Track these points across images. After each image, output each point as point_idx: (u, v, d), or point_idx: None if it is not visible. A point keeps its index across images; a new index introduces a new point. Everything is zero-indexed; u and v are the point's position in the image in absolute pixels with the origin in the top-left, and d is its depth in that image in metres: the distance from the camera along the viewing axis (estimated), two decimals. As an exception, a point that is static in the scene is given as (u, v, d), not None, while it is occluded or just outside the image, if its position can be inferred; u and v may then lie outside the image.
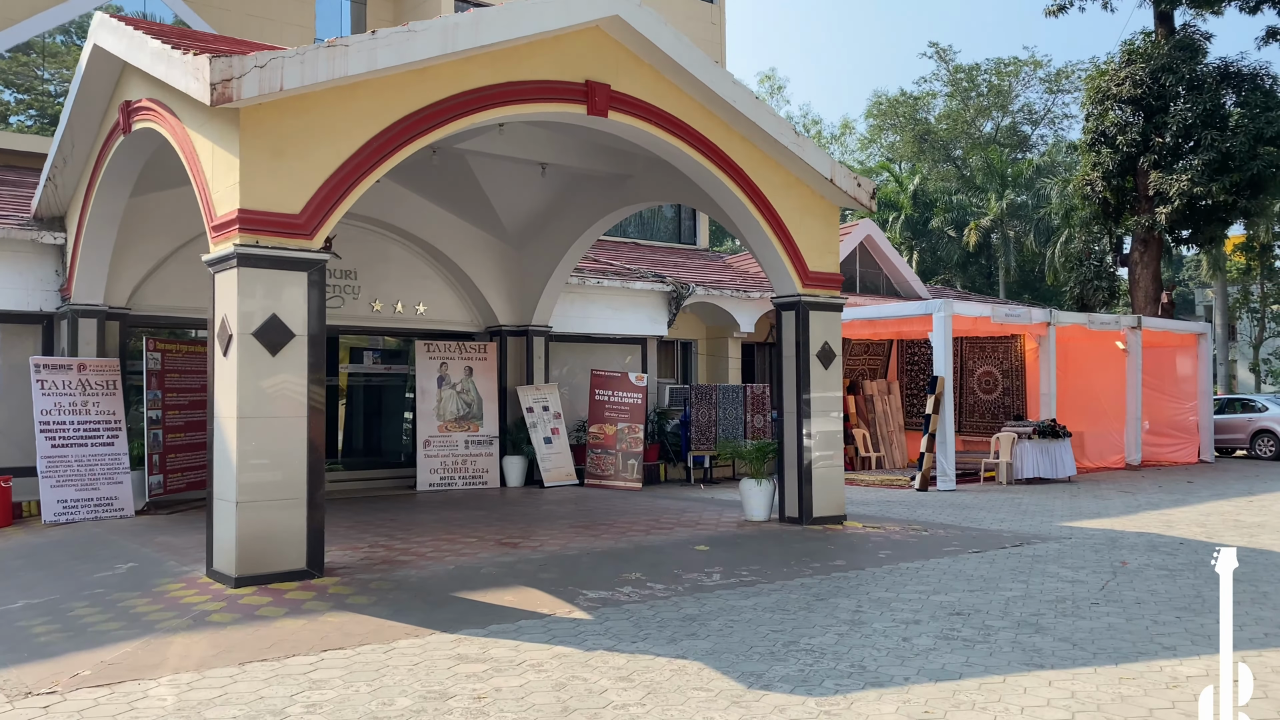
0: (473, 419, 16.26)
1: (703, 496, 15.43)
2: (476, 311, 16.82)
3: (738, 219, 11.35)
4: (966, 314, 17.82)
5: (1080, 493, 16.31)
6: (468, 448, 16.10)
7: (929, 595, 8.07)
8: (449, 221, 15.97)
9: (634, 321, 18.53)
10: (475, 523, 11.77)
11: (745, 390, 18.52)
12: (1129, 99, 24.11)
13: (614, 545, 10.10)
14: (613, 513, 12.75)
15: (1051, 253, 47.60)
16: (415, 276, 16.14)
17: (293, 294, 8.17)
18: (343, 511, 12.94)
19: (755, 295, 20.06)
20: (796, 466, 11.53)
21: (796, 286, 11.54)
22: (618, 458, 16.66)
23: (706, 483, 17.85)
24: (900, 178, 51.28)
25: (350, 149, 8.48)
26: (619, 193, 14.51)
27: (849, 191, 11.61)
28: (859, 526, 11.68)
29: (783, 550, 10.06)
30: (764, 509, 11.80)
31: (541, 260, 16.19)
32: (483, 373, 16.47)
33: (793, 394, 11.62)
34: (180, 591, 7.85)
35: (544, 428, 16.38)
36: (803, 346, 11.54)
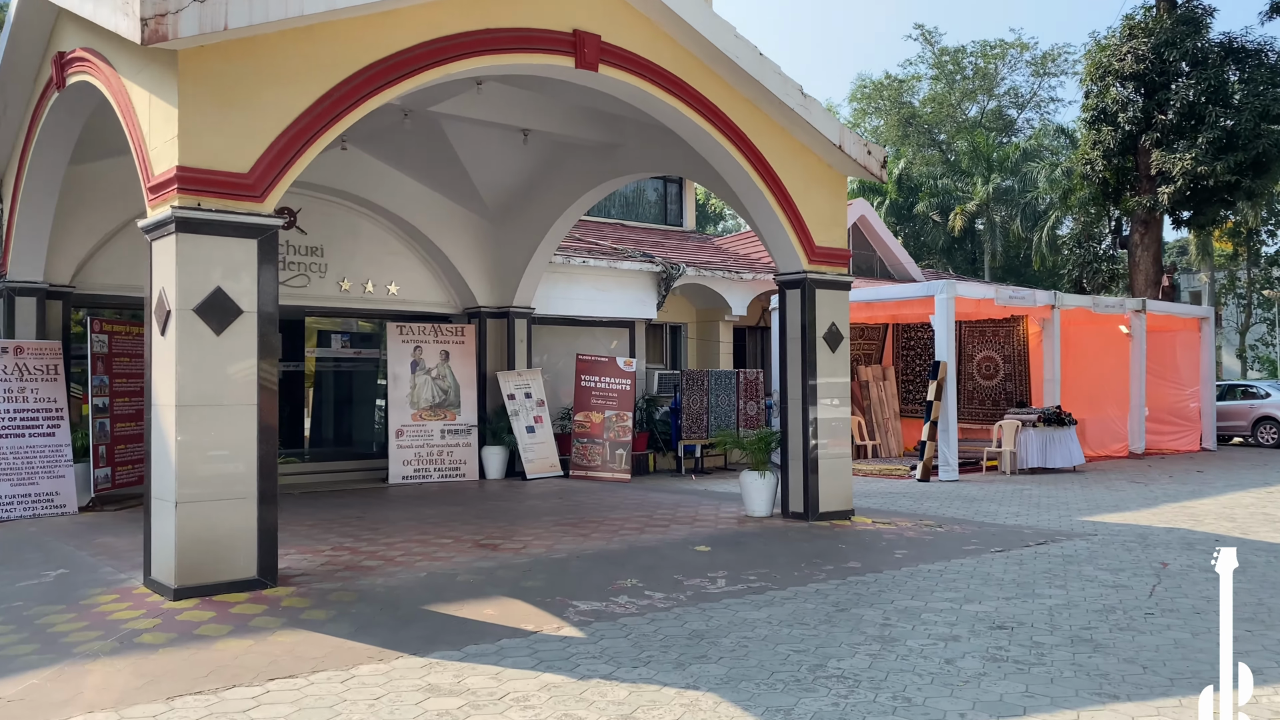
0: (449, 407, 15.26)
1: (696, 489, 14.51)
2: (453, 292, 15.80)
3: (739, 188, 10.39)
4: (970, 296, 16.96)
5: (1089, 483, 15.51)
6: (444, 438, 15.10)
7: (961, 604, 7.17)
8: (423, 195, 14.92)
9: (621, 304, 17.56)
10: (451, 520, 10.80)
11: (739, 376, 17.60)
12: (1131, 75, 23.29)
13: (605, 546, 9.15)
14: (602, 508, 11.81)
15: (1038, 238, 46.98)
16: (387, 254, 15.10)
17: (240, 264, 7.15)
18: (307, 507, 11.94)
19: (747, 276, 19.13)
20: (802, 458, 10.62)
21: (802, 263, 10.60)
22: (605, 447, 15.71)
23: (698, 473, 16.94)
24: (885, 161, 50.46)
25: (307, 100, 7.45)
26: (607, 163, 13.52)
27: (858, 159, 10.67)
28: (868, 522, 10.79)
29: (791, 551, 9.14)
30: (766, 504, 10.89)
31: (523, 237, 15.18)
32: (460, 357, 15.46)
33: (798, 379, 10.70)
34: (111, 605, 6.84)
35: (526, 416, 15.40)
36: (808, 328, 10.61)
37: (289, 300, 14.11)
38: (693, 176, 12.30)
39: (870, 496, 13.46)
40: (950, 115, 55.46)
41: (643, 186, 24.95)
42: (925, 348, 20.46)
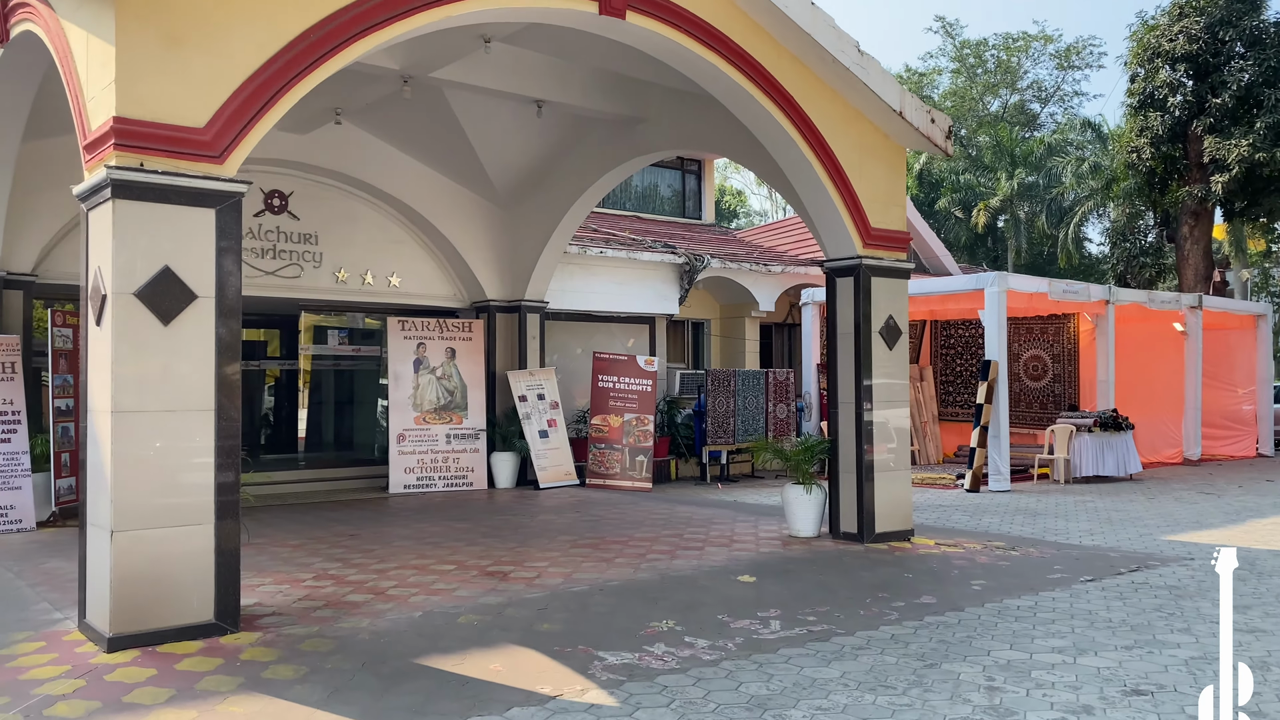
0: (455, 409, 13.96)
1: (724, 500, 13.18)
2: (460, 284, 14.50)
3: (785, 161, 9.06)
4: (1022, 289, 15.58)
5: (1154, 494, 14.13)
6: (449, 443, 13.80)
7: (1075, 656, 5.83)
8: (427, 177, 13.63)
9: (641, 298, 16.24)
10: (455, 539, 9.49)
11: (767, 376, 16.26)
12: (1182, 56, 21.83)
13: (633, 575, 7.82)
14: (624, 524, 10.49)
15: (1064, 234, 45.50)
16: (387, 242, 13.81)
17: (194, 239, 5.86)
18: (294, 522, 10.65)
19: (776, 269, 17.79)
20: (855, 470, 9.28)
21: (856, 246, 9.26)
22: (624, 454, 14.39)
23: (724, 481, 15.60)
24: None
25: (279, 40, 6.16)
26: (630, 140, 12.20)
27: (920, 128, 9.33)
28: (931, 544, 9.44)
29: (850, 582, 7.80)
30: (813, 522, 9.55)
31: (536, 224, 13.87)
32: (467, 355, 14.16)
33: (849, 380, 9.36)
34: (32, 657, 5.55)
35: (539, 419, 14.09)
36: (863, 321, 9.27)
37: (281, 293, 12.86)
38: (726, 152, 10.99)
39: (919, 510, 12.09)
40: (971, 110, 54.02)
41: (660, 177, 23.61)
42: (966, 346, 19.09)
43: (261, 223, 12.74)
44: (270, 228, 12.80)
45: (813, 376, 17.13)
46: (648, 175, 23.10)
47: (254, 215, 12.67)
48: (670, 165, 22.68)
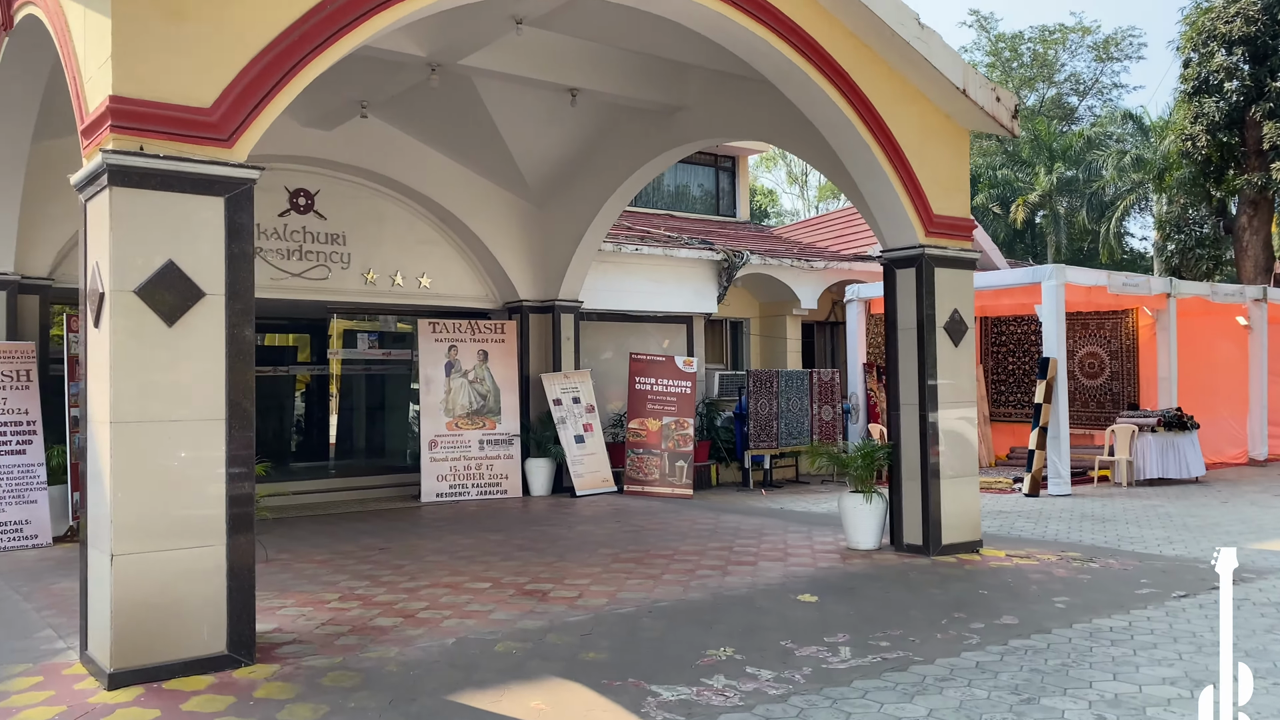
0: (488, 414, 13.41)
1: (771, 508, 12.52)
2: (492, 284, 13.95)
3: (840, 143, 8.40)
4: (1080, 283, 14.79)
5: (1226, 497, 13.31)
6: (483, 449, 13.25)
7: (1190, 689, 5.14)
8: (456, 173, 13.08)
9: (678, 296, 15.62)
10: (490, 553, 8.90)
11: (812, 377, 15.58)
12: (1240, 39, 20.90)
13: (683, 594, 7.19)
14: (668, 535, 9.86)
15: (1106, 229, 44.40)
16: (417, 242, 13.28)
17: (202, 231, 5.31)
18: (321, 535, 10.13)
19: (818, 265, 17.10)
20: (920, 477, 8.60)
21: (918, 235, 8.59)
22: (663, 459, 13.77)
23: (768, 487, 14.94)
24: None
25: (293, 12, 5.60)
26: (667, 129, 11.59)
27: (985, 107, 8.64)
28: (1001, 556, 8.74)
29: (922, 601, 7.12)
30: (874, 534, 8.88)
31: (570, 221, 13.28)
32: (500, 358, 13.61)
33: (912, 380, 8.68)
34: (27, 695, 5.01)
35: (575, 424, 13.50)
36: (927, 316, 8.59)
37: (308, 295, 12.37)
38: (772, 137, 10.35)
39: (982, 517, 11.38)
40: (1008, 103, 52.77)
41: (692, 175, 22.97)
42: (1019, 343, 18.30)
43: (287, 223, 12.25)
44: (296, 228, 12.30)
45: (859, 377, 16.43)
46: (680, 173, 22.50)
47: (279, 215, 12.18)
48: (703, 162, 22.06)
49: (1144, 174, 45.20)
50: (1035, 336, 18.01)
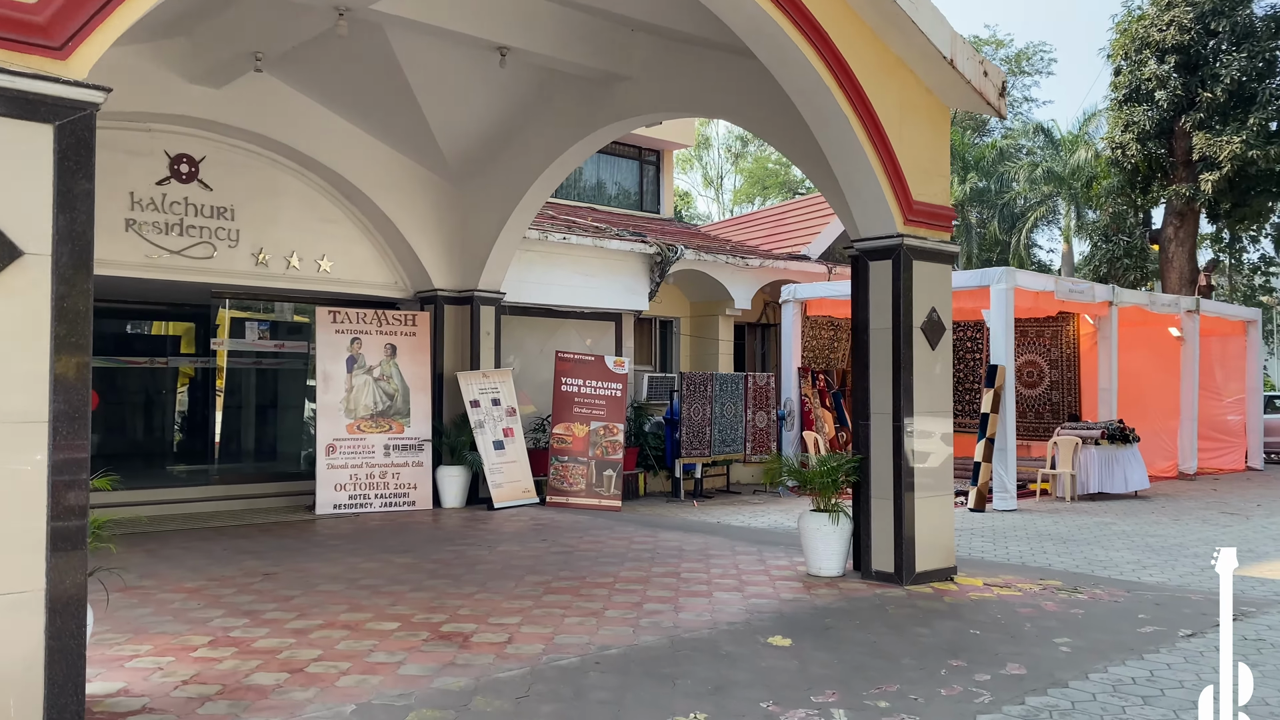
0: (395, 415, 12.04)
1: (708, 522, 11.45)
2: (402, 270, 12.57)
3: (815, 113, 7.35)
4: (1029, 287, 14.13)
5: (1174, 514, 12.77)
6: (388, 455, 11.87)
7: (1268, 769, 4.21)
8: (365, 144, 11.70)
9: (608, 291, 14.45)
10: (398, 581, 7.59)
11: (747, 381, 14.59)
12: (1173, 47, 20.69)
13: (633, 637, 6.01)
14: (604, 557, 8.67)
15: (1016, 240, 44.89)
16: (317, 220, 11.84)
17: (20, 167, 3.95)
18: (197, 554, 8.66)
19: (754, 263, 16.14)
20: (893, 495, 7.61)
21: (895, 223, 7.60)
22: (590, 468, 12.59)
23: (699, 497, 13.89)
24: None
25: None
26: (608, 102, 10.42)
27: (973, 82, 7.71)
28: (979, 585, 7.80)
29: (910, 644, 6.09)
30: (838, 559, 7.85)
31: (493, 202, 12.01)
32: (410, 353, 12.25)
33: (885, 386, 7.68)
34: None
35: (494, 428, 12.22)
36: (903, 314, 7.61)
37: (190, 276, 10.85)
38: (725, 112, 9.29)
39: (938, 536, 10.48)
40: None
41: (615, 168, 21.83)
42: (956, 350, 17.63)
43: (166, 192, 10.70)
44: (177, 198, 10.76)
45: (793, 382, 15.51)
46: (602, 165, 21.33)
47: (157, 183, 10.63)
48: (626, 155, 20.94)
49: (1054, 186, 45.81)
50: (972, 343, 17.38)
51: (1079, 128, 45.07)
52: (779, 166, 58.53)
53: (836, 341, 16.94)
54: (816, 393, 15.99)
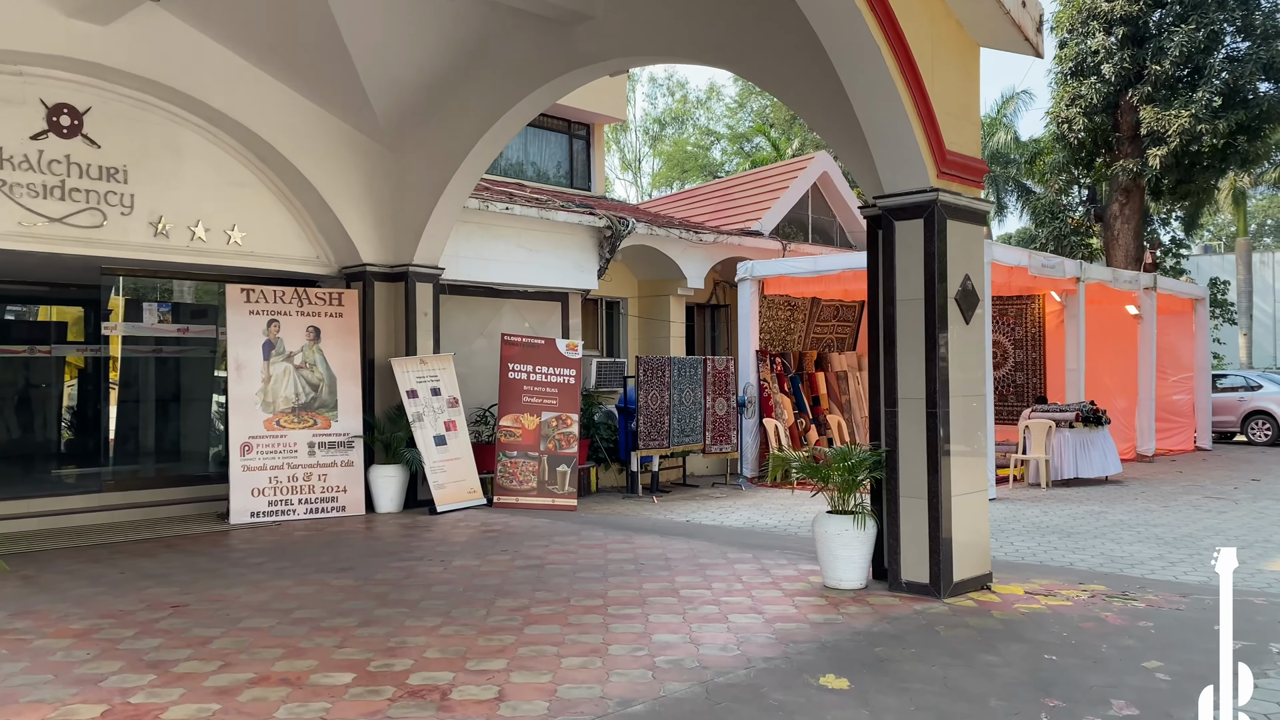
0: (321, 409, 10.58)
1: (679, 522, 10.29)
2: (326, 243, 11.08)
3: (842, 42, 6.20)
4: (1005, 261, 13.30)
5: (1160, 500, 12.15)
6: (314, 454, 10.41)
7: None
8: (283, 96, 10.18)
9: (555, 268, 13.15)
10: (341, 612, 6.22)
11: (706, 366, 13.46)
12: (1120, 18, 20.16)
13: (655, 684, 4.78)
14: (581, 571, 7.41)
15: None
16: (227, 184, 10.28)
17: None
18: (87, 580, 7.16)
19: (708, 239, 15.00)
20: (927, 493, 6.53)
21: (928, 175, 6.51)
22: (541, 463, 11.31)
23: (657, 493, 12.73)
24: (777, 143, 47.33)
25: None
26: (565, 47, 9.11)
27: (1011, 11, 6.65)
28: (1019, 593, 6.79)
29: (986, 678, 5.00)
30: (862, 568, 6.76)
31: (431, 165, 10.61)
32: (337, 337, 10.79)
33: (916, 367, 6.61)
34: None
35: (434, 421, 10.84)
36: (936, 282, 6.53)
37: (75, 248, 9.27)
38: (704, 56, 8.06)
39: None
40: (843, 95, 52.98)
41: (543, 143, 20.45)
42: (912, 331, 16.80)
43: (44, 149, 9.05)
44: (57, 156, 9.11)
45: (751, 366, 14.44)
46: (529, 140, 19.95)
47: (32, 138, 8.98)
48: (554, 128, 19.59)
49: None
50: (931, 323, 16.57)
51: (996, 111, 45.23)
52: (698, 150, 57.78)
53: (793, 323, 15.94)
54: (775, 377, 14.96)
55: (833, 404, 15.78)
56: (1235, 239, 37.84)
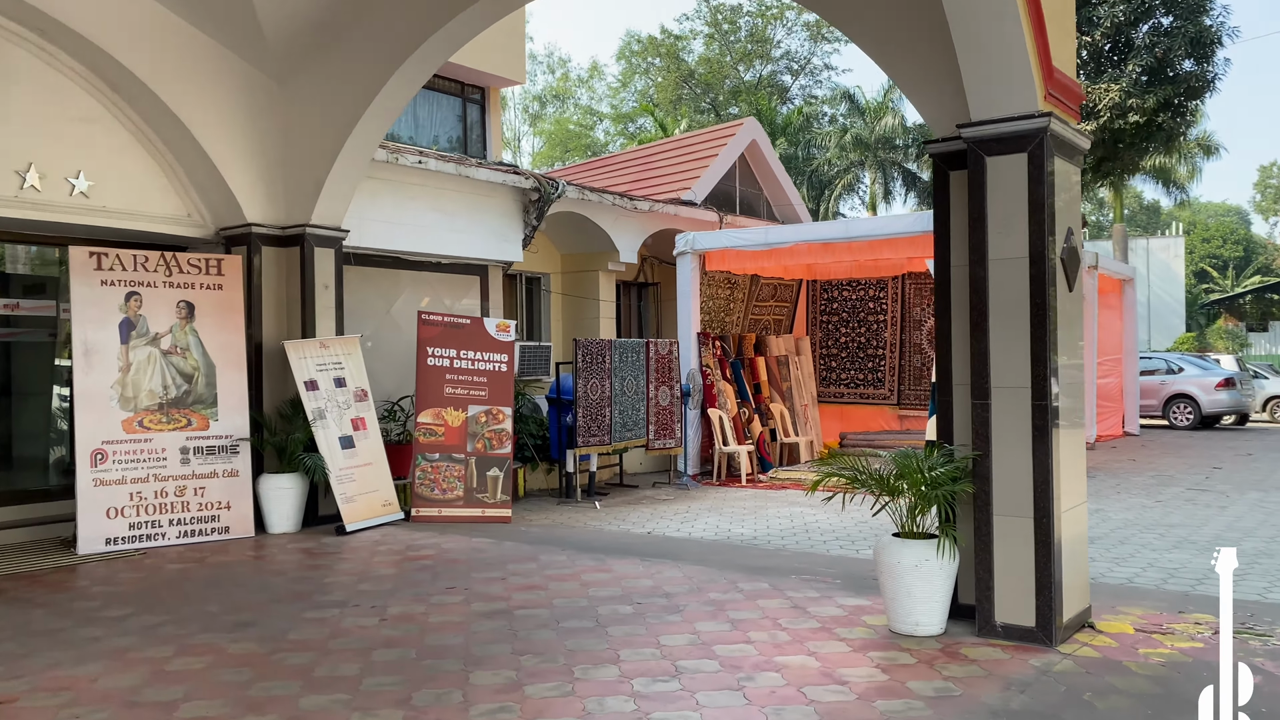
0: (197, 405, 8.46)
1: (636, 534, 8.61)
2: (198, 198, 8.91)
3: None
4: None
5: (1142, 492, 11.15)
6: (188, 462, 8.29)
7: None
8: (144, 9, 7.98)
9: (473, 236, 11.25)
10: (252, 708, 4.30)
11: (649, 350, 11.79)
12: (1050, -13, 19.32)
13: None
14: (564, 618, 5.63)
15: (825, 208, 44.46)
16: (70, 119, 8.02)
17: None
18: None
19: (644, 207, 13.31)
20: (1033, 511, 5.03)
21: (1036, 96, 4.98)
22: (469, 467, 9.45)
23: (596, 495, 11.02)
24: (664, 123, 46.02)
25: None
26: (519, -54, 7.27)
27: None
28: (1128, 631, 5.38)
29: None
30: (943, 608, 5.22)
31: (334, 105, 8.58)
32: (215, 314, 8.66)
33: (1020, 346, 5.11)
34: None
35: (339, 418, 8.85)
36: (1045, 235, 5.02)
37: None
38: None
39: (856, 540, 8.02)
40: (726, 76, 52.27)
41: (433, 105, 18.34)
42: (853, 311, 15.54)
43: None
44: None
45: (692, 350, 12.85)
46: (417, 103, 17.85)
47: None
48: (447, 89, 17.58)
49: (861, 153, 45.51)
50: (874, 303, 15.36)
51: (883, 95, 44.97)
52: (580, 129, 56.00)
53: (733, 302, 14.42)
54: (717, 363, 13.41)
55: (774, 391, 14.33)
56: (1113, 225, 38.34)
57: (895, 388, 15.23)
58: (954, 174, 5.46)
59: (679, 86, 52.22)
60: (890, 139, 45.89)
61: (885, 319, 15.26)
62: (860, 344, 15.50)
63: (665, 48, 52.43)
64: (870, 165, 46.53)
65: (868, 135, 46.03)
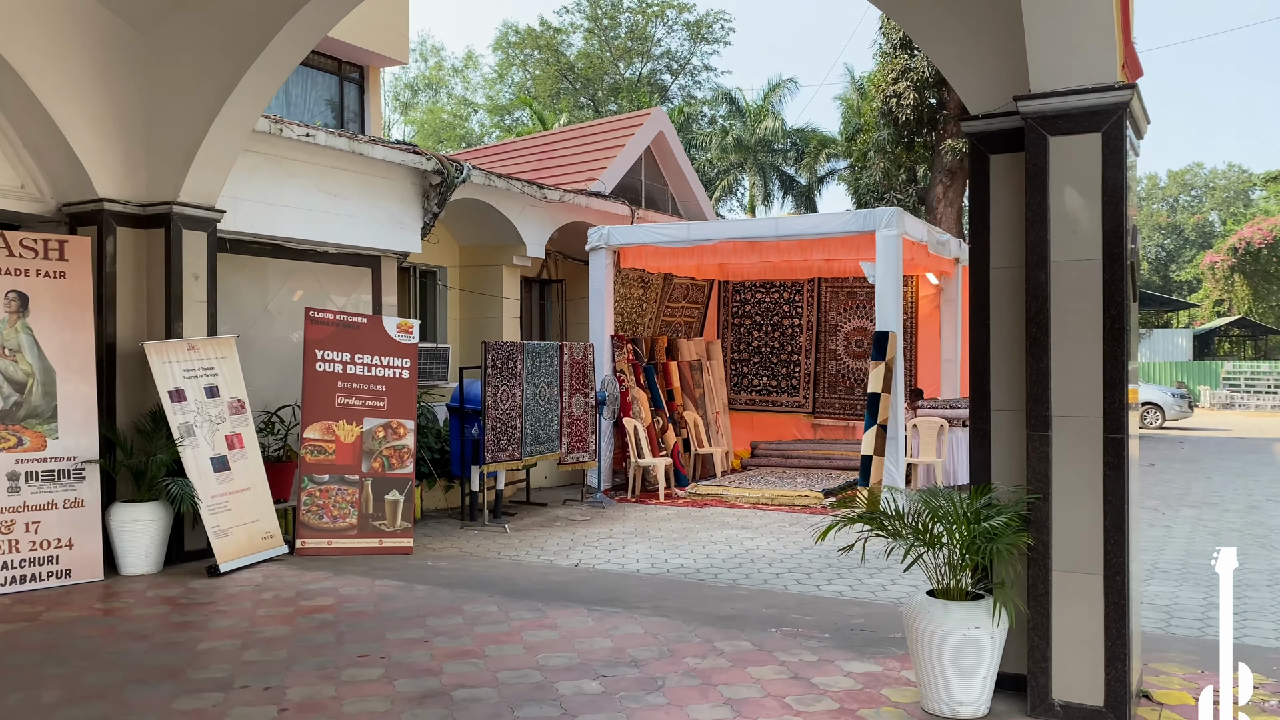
0: (30, 420, 6.89)
1: (564, 567, 7.48)
2: (33, 165, 7.31)
3: None
4: (915, 236, 11.40)
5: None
6: (18, 491, 6.72)
7: None
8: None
9: (366, 222, 9.87)
10: None
11: (563, 354, 10.65)
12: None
13: None
14: (519, 706, 4.47)
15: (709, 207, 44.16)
16: None
17: None
18: None
19: (554, 196, 12.14)
20: (1103, 567, 4.16)
21: (1114, 66, 4.10)
22: (364, 490, 8.13)
23: (504, 516, 9.83)
24: (543, 116, 44.83)
25: None
26: None
27: None
28: (1189, 702, 4.58)
29: None
30: (989, 683, 4.30)
31: (210, 58, 7.14)
32: (56, 308, 7.09)
33: (1089, 366, 4.23)
34: None
35: (210, 435, 7.39)
36: (1119, 231, 4.15)
37: None
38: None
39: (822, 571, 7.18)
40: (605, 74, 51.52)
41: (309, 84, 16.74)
42: (766, 314, 14.73)
43: None
44: None
45: (605, 354, 11.79)
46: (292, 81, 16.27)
47: None
48: (324, 67, 16.10)
49: (741, 155, 45.32)
50: (789, 306, 14.60)
51: (763, 98, 44.91)
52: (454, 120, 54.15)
53: (646, 302, 13.40)
54: (631, 368, 12.38)
55: (686, 398, 13.38)
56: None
57: (810, 395, 14.49)
58: (995, 158, 4.56)
59: (558, 80, 51.14)
60: (770, 142, 45.84)
61: (800, 323, 14.51)
62: (774, 349, 14.71)
63: (544, 40, 51.24)
64: (750, 168, 46.37)
65: (748, 138, 45.87)
